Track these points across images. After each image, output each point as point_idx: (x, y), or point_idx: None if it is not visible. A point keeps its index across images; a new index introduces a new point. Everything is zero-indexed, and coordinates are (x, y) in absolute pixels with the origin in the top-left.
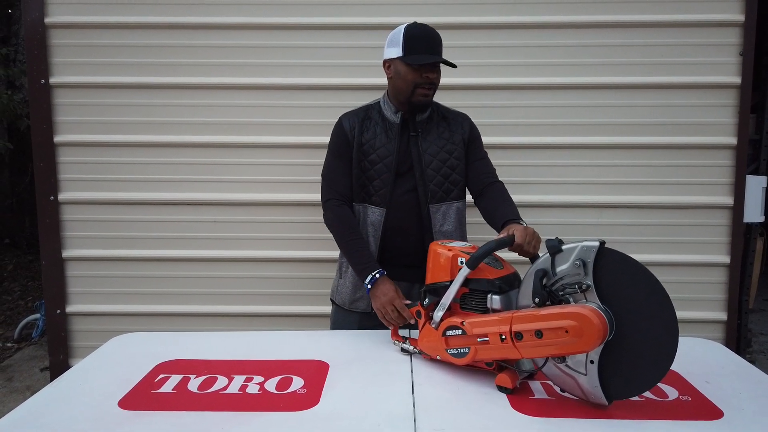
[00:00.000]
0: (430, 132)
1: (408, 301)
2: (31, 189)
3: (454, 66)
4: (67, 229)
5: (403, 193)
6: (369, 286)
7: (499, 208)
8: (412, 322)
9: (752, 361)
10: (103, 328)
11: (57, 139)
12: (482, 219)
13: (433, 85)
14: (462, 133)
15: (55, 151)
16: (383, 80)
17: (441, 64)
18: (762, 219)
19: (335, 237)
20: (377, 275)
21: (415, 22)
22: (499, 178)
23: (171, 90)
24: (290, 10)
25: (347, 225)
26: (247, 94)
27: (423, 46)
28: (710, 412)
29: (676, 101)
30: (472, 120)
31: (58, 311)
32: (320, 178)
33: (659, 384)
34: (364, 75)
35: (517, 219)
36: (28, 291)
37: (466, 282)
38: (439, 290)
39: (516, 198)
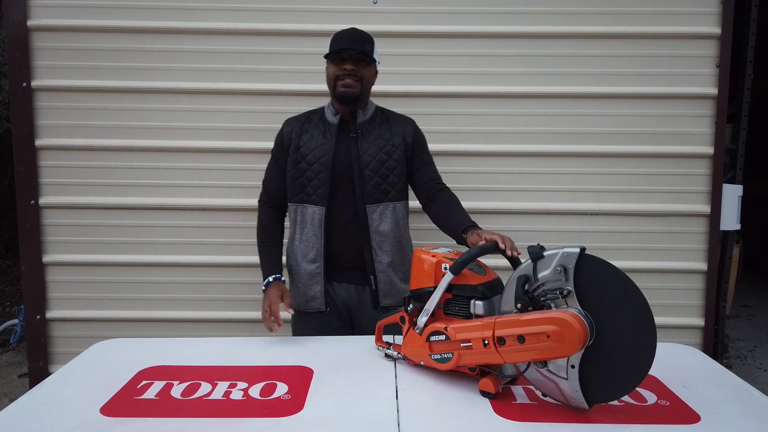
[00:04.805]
0: (371, 134)
1: (290, 311)
2: (10, 192)
3: (368, 55)
4: (48, 233)
5: (341, 192)
6: (263, 288)
7: (454, 215)
8: (273, 328)
9: (729, 366)
10: (83, 334)
11: (38, 142)
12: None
13: (354, 76)
14: (404, 135)
15: (36, 155)
16: None
17: (379, 64)
18: (738, 227)
19: (256, 237)
20: (271, 279)
21: (346, 28)
22: (470, 184)
23: (153, 94)
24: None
25: (264, 228)
26: (230, 99)
27: (339, 42)
28: (688, 416)
29: (654, 111)
30: (450, 127)
31: (38, 317)
32: None
33: (638, 388)
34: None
35: (475, 225)
36: (6, 296)
37: (450, 288)
38: (423, 296)
39: (499, 205)
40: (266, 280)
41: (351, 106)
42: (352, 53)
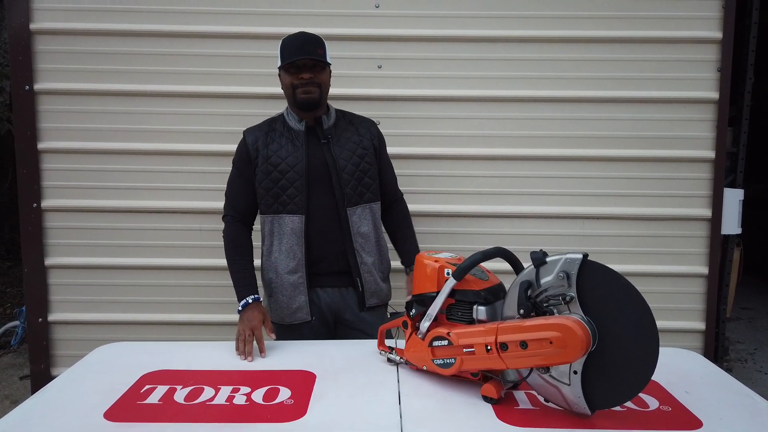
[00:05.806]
0: (341, 138)
1: (272, 336)
2: (11, 194)
3: (324, 61)
4: (50, 236)
5: (320, 198)
6: (240, 309)
7: (406, 245)
8: (252, 357)
9: (729, 370)
10: (85, 337)
11: (41, 146)
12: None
13: (312, 84)
14: (371, 137)
15: (38, 158)
16: None
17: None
18: (739, 231)
19: (225, 253)
20: (250, 300)
21: (294, 33)
22: (474, 188)
23: (156, 98)
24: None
25: (234, 244)
26: (236, 102)
27: (292, 51)
28: (690, 421)
29: (656, 115)
30: (453, 131)
31: (40, 319)
32: None
33: (641, 394)
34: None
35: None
36: (6, 298)
37: (453, 293)
38: (425, 301)
39: (502, 209)
40: (243, 301)
41: (312, 112)
42: (306, 61)
